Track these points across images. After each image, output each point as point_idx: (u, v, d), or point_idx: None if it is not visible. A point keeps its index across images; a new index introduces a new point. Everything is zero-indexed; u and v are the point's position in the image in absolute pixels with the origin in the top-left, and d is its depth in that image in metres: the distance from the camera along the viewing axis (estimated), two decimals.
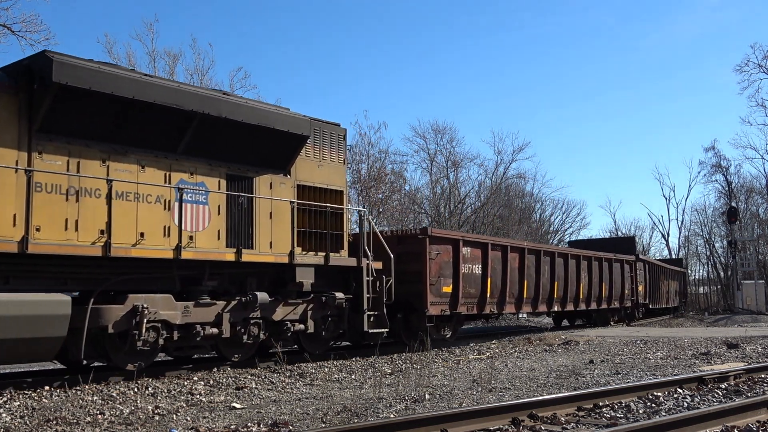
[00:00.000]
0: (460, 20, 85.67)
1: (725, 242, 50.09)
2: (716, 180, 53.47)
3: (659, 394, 8.33)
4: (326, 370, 11.60)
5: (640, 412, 7.36)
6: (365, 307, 13.40)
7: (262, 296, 11.66)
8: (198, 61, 36.79)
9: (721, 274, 54.52)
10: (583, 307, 22.54)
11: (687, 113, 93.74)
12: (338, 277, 13.56)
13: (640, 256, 29.62)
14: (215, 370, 11.24)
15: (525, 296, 19.16)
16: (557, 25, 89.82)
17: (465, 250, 16.49)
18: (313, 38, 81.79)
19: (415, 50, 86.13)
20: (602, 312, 24.85)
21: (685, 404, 7.78)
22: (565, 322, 26.93)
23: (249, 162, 11.91)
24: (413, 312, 15.36)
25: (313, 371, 11.31)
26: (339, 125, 14.15)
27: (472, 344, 16.80)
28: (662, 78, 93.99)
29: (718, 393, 8.57)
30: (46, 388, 9.11)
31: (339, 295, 13.09)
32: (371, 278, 13.65)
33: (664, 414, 7.13)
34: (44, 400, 8.45)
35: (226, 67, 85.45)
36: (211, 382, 10.03)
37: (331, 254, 13.02)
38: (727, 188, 52.69)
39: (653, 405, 7.72)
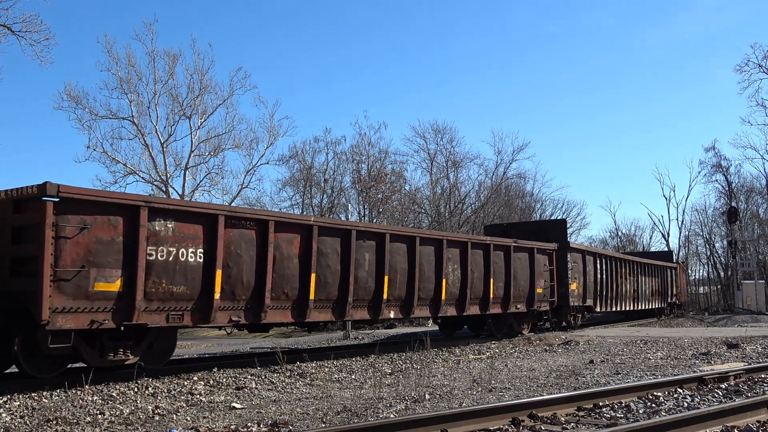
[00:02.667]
0: (461, 20, 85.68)
1: (725, 242, 50.07)
2: (716, 180, 53.42)
3: (659, 394, 8.33)
4: (326, 370, 11.60)
5: (640, 412, 7.36)
6: None
7: None
8: (198, 61, 36.67)
9: (721, 274, 54.46)
10: (450, 312, 15.98)
11: (687, 113, 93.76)
12: None
13: (573, 245, 22.63)
14: (215, 370, 11.23)
15: (313, 297, 12.34)
16: (558, 25, 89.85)
17: (155, 225, 10.01)
18: (313, 38, 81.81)
19: (415, 50, 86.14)
20: (499, 318, 18.31)
21: (685, 404, 7.78)
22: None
23: None
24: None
25: (313, 371, 11.31)
26: None
27: (472, 344, 16.80)
28: (662, 77, 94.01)
29: (718, 393, 8.57)
30: (46, 388, 9.11)
31: None
32: None
33: (664, 414, 7.13)
34: (44, 400, 8.44)
35: (226, 67, 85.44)
36: (211, 382, 10.03)
37: None
38: (727, 188, 52.64)
39: (653, 405, 7.71)
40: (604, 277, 24.81)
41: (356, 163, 40.35)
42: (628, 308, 28.10)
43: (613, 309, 26.31)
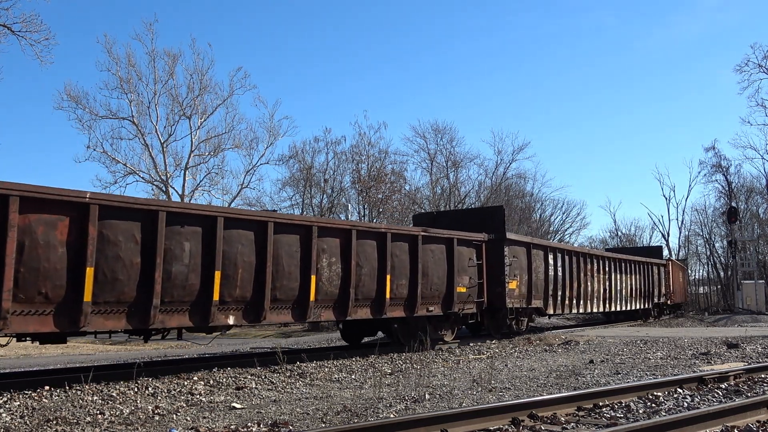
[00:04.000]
0: (461, 20, 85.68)
1: (725, 242, 50.10)
2: (716, 180, 53.49)
3: (659, 394, 8.33)
4: (326, 370, 11.60)
5: (640, 412, 7.36)
6: None
7: None
8: (198, 61, 36.88)
9: (721, 274, 54.49)
10: (326, 316, 12.87)
11: (687, 113, 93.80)
12: None
13: (513, 236, 19.00)
14: (215, 370, 11.23)
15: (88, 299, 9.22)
16: (558, 25, 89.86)
17: None
18: (313, 38, 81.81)
19: (415, 50, 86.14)
20: (407, 323, 15.28)
21: (685, 404, 7.78)
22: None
23: None
24: None
25: (313, 371, 11.31)
26: None
27: (471, 344, 16.80)
28: (662, 78, 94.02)
29: (718, 393, 8.57)
30: (46, 388, 9.11)
31: None
32: None
33: (664, 414, 7.13)
34: (44, 400, 8.44)
35: (226, 67, 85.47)
36: (211, 382, 10.03)
37: None
38: (727, 188, 52.68)
39: (653, 405, 7.71)
40: (561, 274, 21.25)
41: (356, 163, 40.41)
42: (596, 310, 24.67)
43: (575, 311, 22.92)
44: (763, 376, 9.93)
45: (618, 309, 26.67)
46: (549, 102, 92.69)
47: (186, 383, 9.81)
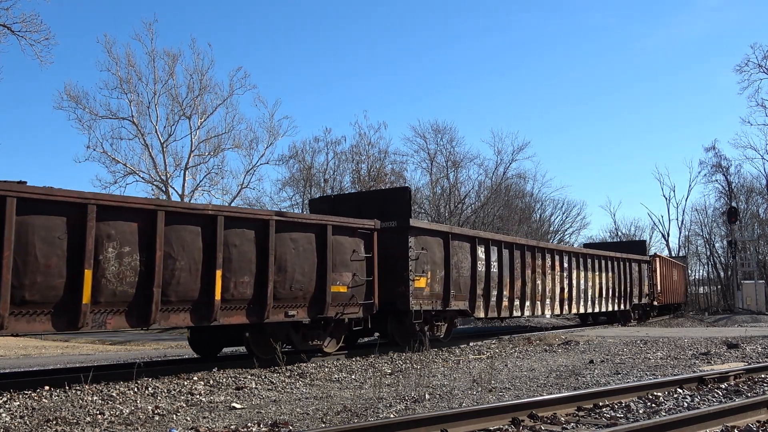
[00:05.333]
0: (461, 20, 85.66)
1: (725, 242, 50.11)
2: (716, 180, 53.52)
3: (659, 394, 8.33)
4: (326, 370, 11.60)
5: (640, 412, 7.36)
6: None
7: None
8: (197, 61, 36.89)
9: (721, 274, 54.50)
10: (114, 324, 9.79)
11: (687, 113, 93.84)
12: None
13: (420, 224, 15.45)
14: (215, 370, 11.23)
15: None
16: (558, 25, 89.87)
17: None
18: (313, 38, 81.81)
19: (415, 50, 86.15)
20: (261, 331, 12.17)
21: (685, 404, 7.78)
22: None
23: None
24: None
25: (313, 371, 11.31)
26: None
27: (472, 344, 16.80)
28: (662, 78, 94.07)
29: (718, 393, 8.57)
30: (46, 388, 9.11)
31: None
32: None
33: (664, 414, 7.13)
34: (44, 400, 8.44)
35: (226, 67, 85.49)
36: (211, 382, 10.03)
37: None
38: (727, 188, 52.71)
39: (653, 405, 7.71)
40: (497, 270, 17.81)
41: (356, 163, 40.43)
42: (549, 313, 21.16)
43: (517, 314, 19.04)
44: (763, 376, 9.93)
45: (582, 311, 23.37)
46: (549, 102, 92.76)
47: (186, 383, 9.81)
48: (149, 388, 9.31)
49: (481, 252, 17.27)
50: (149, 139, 34.36)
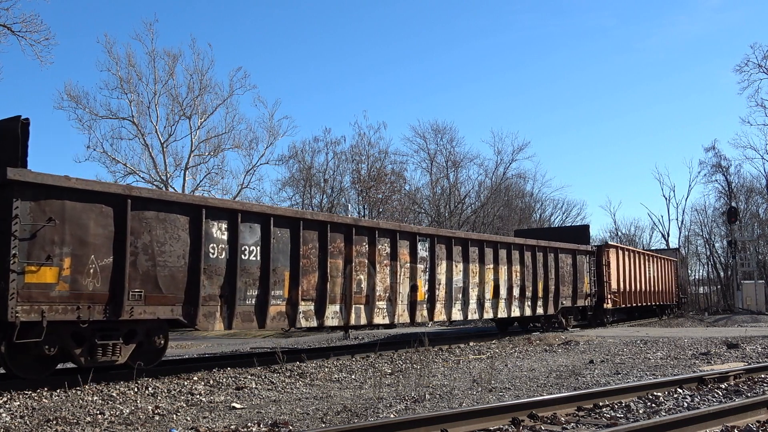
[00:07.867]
0: (461, 20, 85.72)
1: (725, 242, 50.10)
2: (716, 180, 53.47)
3: (659, 394, 8.33)
4: (326, 370, 11.60)
5: (640, 412, 7.36)
6: None
7: None
8: (198, 61, 36.86)
9: (721, 274, 54.48)
10: None
11: (687, 113, 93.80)
12: None
13: (17, 177, 8.68)
14: (215, 370, 11.23)
15: None
16: (558, 26, 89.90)
17: None
18: (313, 38, 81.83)
19: (415, 50, 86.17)
20: None
21: (685, 404, 7.78)
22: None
23: None
24: None
25: (313, 371, 11.31)
26: None
27: (472, 344, 16.79)
28: (662, 78, 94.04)
29: (718, 393, 8.57)
30: (46, 388, 9.11)
31: None
32: None
33: (664, 414, 7.13)
34: (44, 400, 8.45)
35: (226, 67, 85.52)
36: (211, 382, 10.03)
37: None
38: (727, 188, 52.68)
39: (653, 405, 7.71)
40: (257, 259, 11.84)
41: (356, 163, 40.45)
42: (385, 320, 14.54)
43: (312, 324, 12.91)
44: (763, 376, 9.94)
45: (459, 318, 16.78)
46: (549, 102, 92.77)
47: (186, 383, 9.81)
48: (149, 388, 9.31)
49: (216, 230, 11.26)
50: (149, 139, 34.36)
